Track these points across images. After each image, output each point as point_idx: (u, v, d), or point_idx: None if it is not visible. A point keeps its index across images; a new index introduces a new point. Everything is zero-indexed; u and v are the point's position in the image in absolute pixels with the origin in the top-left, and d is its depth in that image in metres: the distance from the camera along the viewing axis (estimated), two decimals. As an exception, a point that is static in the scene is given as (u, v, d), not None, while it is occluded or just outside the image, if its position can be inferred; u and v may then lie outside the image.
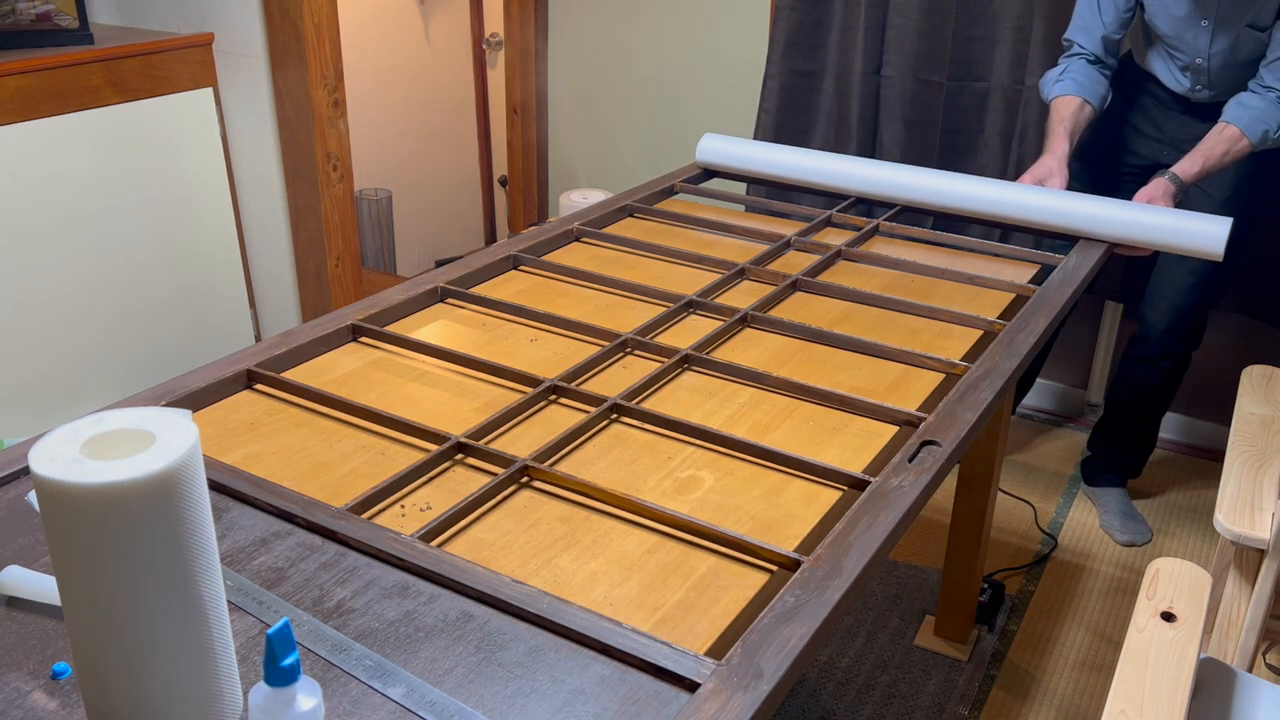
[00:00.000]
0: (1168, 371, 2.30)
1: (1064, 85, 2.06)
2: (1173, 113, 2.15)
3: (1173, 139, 2.15)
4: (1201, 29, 2.00)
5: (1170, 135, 2.16)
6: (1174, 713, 1.04)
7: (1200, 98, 2.10)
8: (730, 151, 2.04)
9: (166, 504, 0.66)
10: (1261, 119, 1.90)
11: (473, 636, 0.83)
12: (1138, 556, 2.29)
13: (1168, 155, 2.14)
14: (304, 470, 1.07)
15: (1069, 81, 2.05)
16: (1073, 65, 2.08)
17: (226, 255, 2.78)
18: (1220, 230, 1.64)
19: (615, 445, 1.13)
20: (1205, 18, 1.99)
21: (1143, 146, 2.21)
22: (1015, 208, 1.77)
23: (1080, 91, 2.04)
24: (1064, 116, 2.03)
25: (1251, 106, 1.92)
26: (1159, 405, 2.36)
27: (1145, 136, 2.20)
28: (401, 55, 3.60)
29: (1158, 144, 2.18)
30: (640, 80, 3.08)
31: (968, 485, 1.88)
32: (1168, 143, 2.17)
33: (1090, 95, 2.04)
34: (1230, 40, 1.99)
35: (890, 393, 1.26)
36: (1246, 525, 1.54)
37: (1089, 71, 2.06)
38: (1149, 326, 2.28)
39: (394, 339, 1.34)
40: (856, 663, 1.94)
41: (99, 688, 0.70)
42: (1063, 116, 2.03)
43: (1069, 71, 2.07)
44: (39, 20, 2.35)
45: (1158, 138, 2.18)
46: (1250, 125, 1.90)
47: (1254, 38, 1.98)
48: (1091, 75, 2.06)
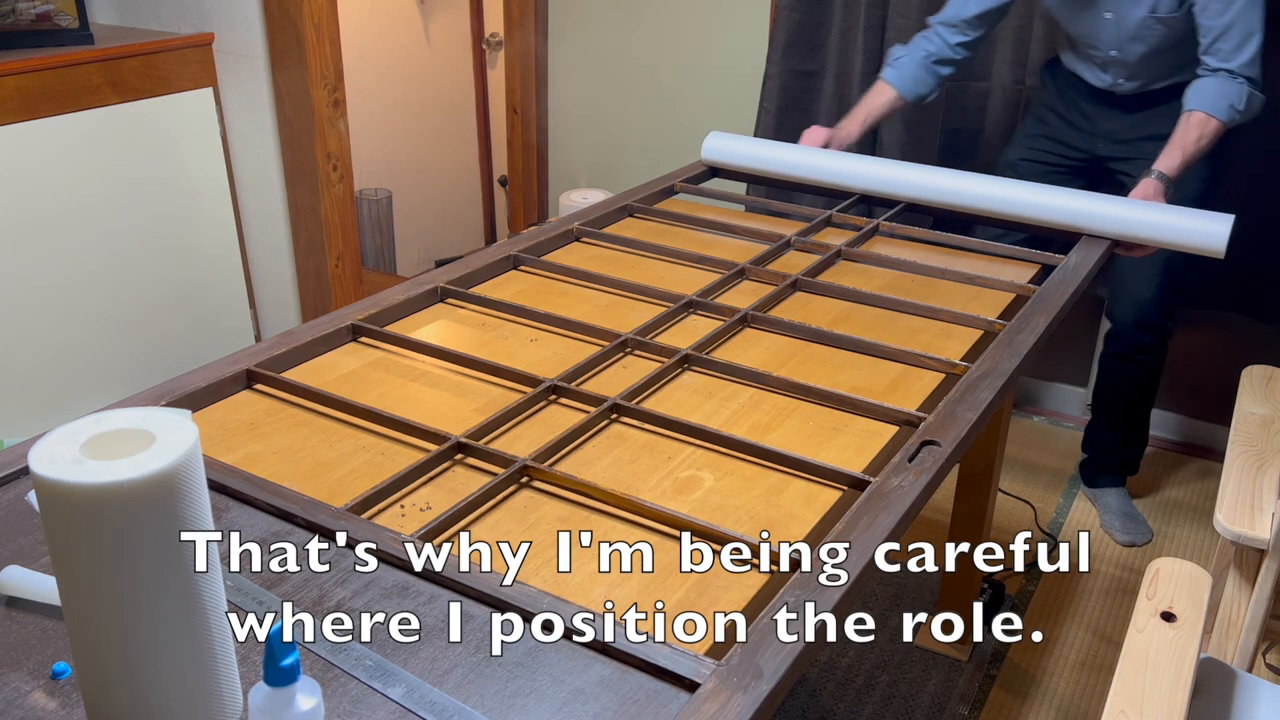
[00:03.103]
0: (1144, 364, 2.32)
1: (890, 72, 2.12)
2: (1103, 107, 2.20)
3: (1106, 133, 2.21)
4: (1107, 21, 2.04)
5: (1104, 129, 2.21)
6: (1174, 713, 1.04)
7: (1125, 90, 2.14)
8: (736, 149, 2.04)
9: (166, 504, 0.66)
10: (1222, 96, 1.90)
11: (473, 636, 0.83)
12: (1138, 556, 2.29)
13: (1103, 148, 2.22)
14: (304, 470, 1.06)
15: (895, 70, 2.12)
16: (910, 56, 2.12)
17: (226, 255, 2.78)
18: (1222, 228, 1.64)
19: (615, 445, 1.13)
20: (1108, 11, 2.03)
21: (1079, 140, 2.26)
22: (1018, 205, 1.77)
23: (899, 84, 2.11)
24: (873, 105, 2.11)
25: (1207, 89, 1.92)
26: (1143, 399, 2.38)
27: (1080, 130, 2.25)
28: (401, 55, 3.60)
29: (1092, 137, 2.23)
30: (640, 80, 3.08)
31: (968, 485, 1.88)
32: (1102, 136, 2.22)
33: (907, 91, 2.11)
34: (1136, 29, 2.02)
35: (890, 393, 1.26)
36: (1246, 525, 1.54)
37: (918, 69, 2.10)
38: (1119, 323, 2.32)
39: (394, 339, 1.34)
40: (856, 663, 1.94)
41: (99, 688, 0.70)
42: (871, 104, 2.11)
43: (903, 60, 2.12)
44: (39, 20, 2.35)
45: (1091, 131, 2.23)
46: (1214, 105, 1.90)
47: (1160, 25, 2.00)
48: (919, 73, 2.10)
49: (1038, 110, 2.34)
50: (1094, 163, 2.25)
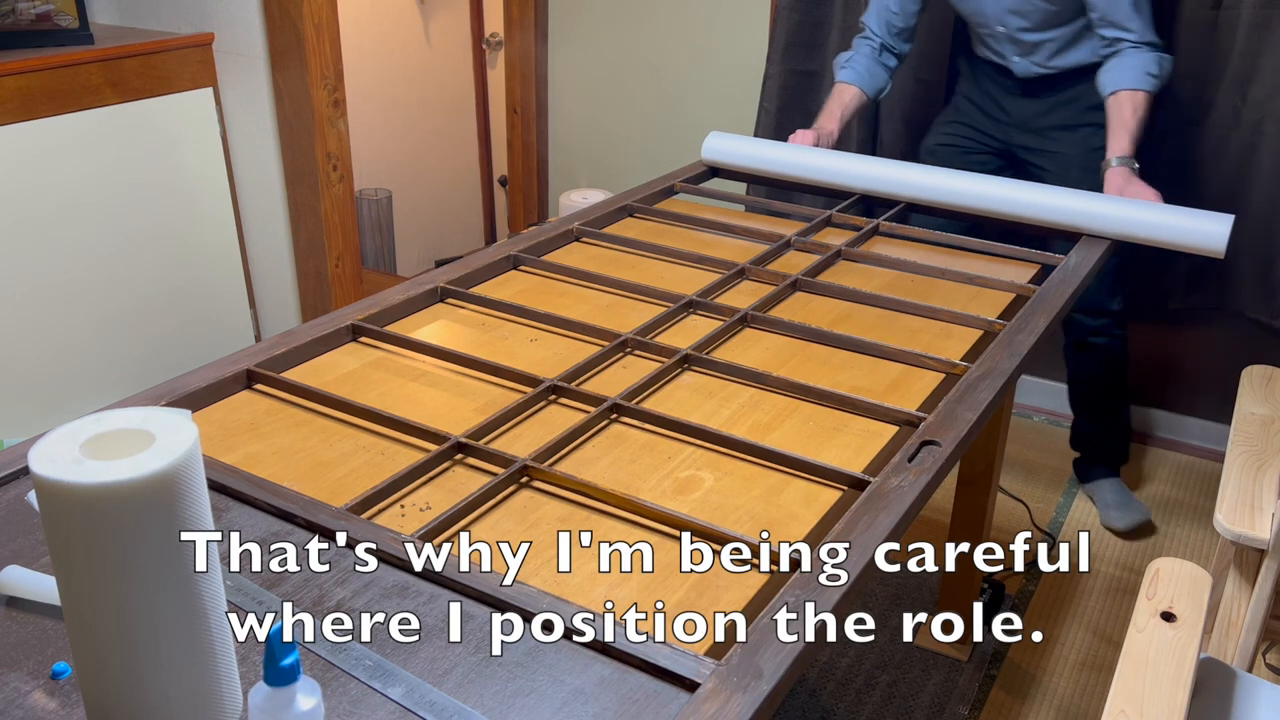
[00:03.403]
0: (1104, 350, 2.34)
1: (847, 74, 2.20)
2: (1014, 96, 2.24)
3: (1019, 121, 2.25)
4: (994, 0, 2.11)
5: (1016, 117, 2.25)
6: (1174, 713, 1.04)
7: (1025, 70, 2.17)
8: (736, 149, 2.04)
9: (166, 504, 0.66)
10: (1135, 68, 1.94)
11: (473, 636, 0.83)
12: (1138, 556, 2.29)
13: (1016, 136, 2.26)
14: (304, 470, 1.07)
15: (851, 71, 2.19)
16: (859, 54, 2.20)
17: (226, 255, 2.78)
18: (1222, 228, 1.64)
19: (615, 445, 1.13)
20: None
21: (993, 128, 2.30)
22: (1018, 205, 1.77)
23: (858, 81, 2.18)
24: (843, 102, 2.18)
25: (1119, 67, 1.97)
26: (1114, 387, 2.40)
27: (994, 119, 2.29)
28: (401, 55, 3.60)
29: (1006, 126, 2.28)
30: (640, 80, 3.08)
31: (968, 485, 1.88)
32: (1015, 125, 2.26)
33: (867, 87, 2.19)
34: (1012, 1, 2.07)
35: (890, 393, 1.26)
36: (1246, 525, 1.54)
37: (870, 64, 2.19)
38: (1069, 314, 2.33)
39: (394, 339, 1.34)
40: (856, 663, 1.94)
41: (99, 688, 0.70)
42: (842, 102, 2.18)
43: (854, 60, 2.20)
44: (39, 20, 2.35)
45: (1005, 120, 2.27)
46: (1133, 80, 1.94)
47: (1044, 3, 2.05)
48: (872, 68, 2.19)
49: (956, 98, 2.39)
50: (1007, 151, 2.29)
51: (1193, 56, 2.32)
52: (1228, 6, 2.28)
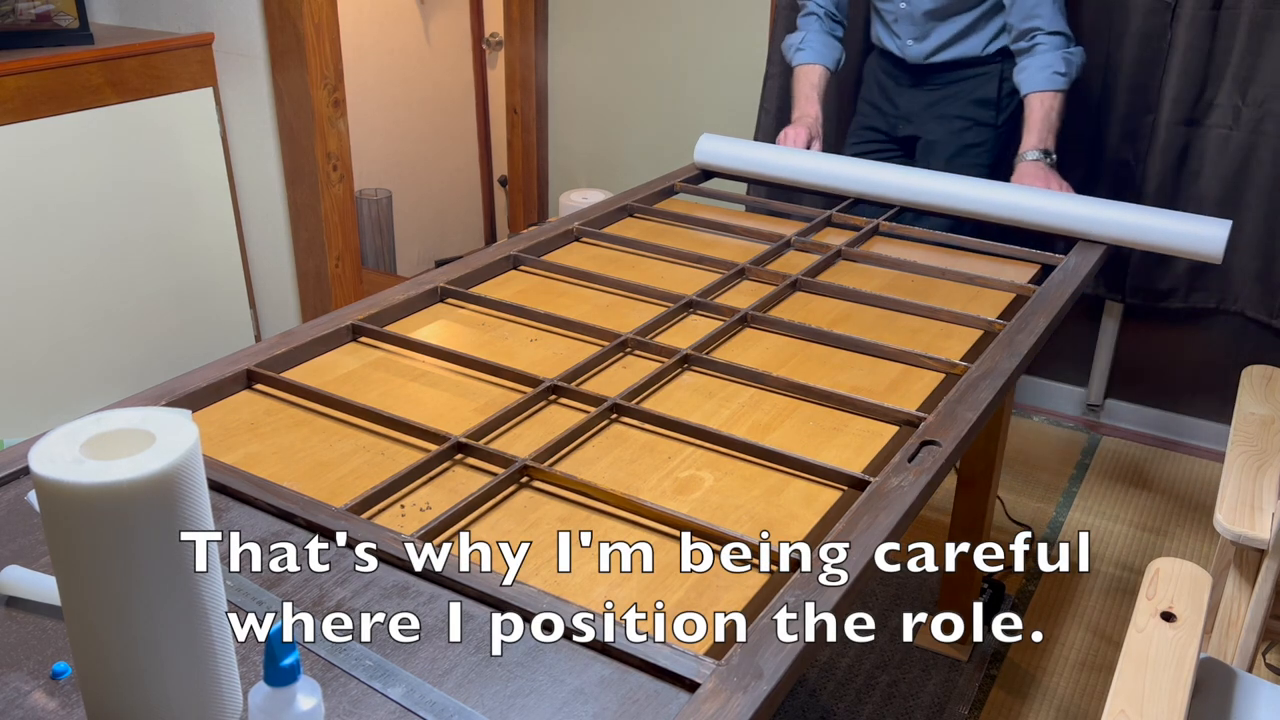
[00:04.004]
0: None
1: (806, 54, 2.23)
2: (903, 87, 2.28)
3: (905, 112, 2.29)
4: None
5: (904, 109, 2.29)
6: (1174, 713, 1.04)
7: (916, 55, 2.20)
8: (728, 152, 2.04)
9: (166, 504, 0.66)
10: (1043, 69, 2.02)
11: (473, 636, 0.83)
12: (1138, 556, 2.29)
13: (903, 128, 2.30)
14: (304, 470, 1.06)
15: (809, 50, 2.23)
16: (809, 33, 2.25)
17: (226, 255, 2.78)
18: (1219, 233, 1.64)
19: (615, 445, 1.13)
20: None
21: (884, 125, 2.33)
22: (1014, 209, 1.77)
23: (819, 59, 2.23)
24: (813, 83, 2.22)
25: (1029, 68, 2.04)
26: None
27: (885, 115, 2.33)
28: (401, 55, 3.60)
29: (894, 119, 2.31)
30: (640, 80, 3.08)
31: (968, 485, 1.88)
32: (902, 116, 2.30)
33: (827, 61, 2.24)
34: None
35: (890, 393, 1.26)
36: (1246, 525, 1.54)
37: (823, 39, 2.24)
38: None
39: (394, 339, 1.34)
40: (856, 663, 1.94)
41: (99, 688, 0.70)
42: (812, 83, 2.22)
43: (807, 40, 2.24)
44: (39, 20, 2.35)
45: (893, 112, 2.31)
46: (1044, 81, 2.01)
47: None
48: (827, 42, 2.25)
49: (859, 103, 2.42)
50: (903, 143, 2.32)
51: (1193, 56, 2.32)
52: (1228, 6, 2.28)
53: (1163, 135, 2.40)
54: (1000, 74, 2.16)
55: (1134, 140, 2.45)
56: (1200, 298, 2.53)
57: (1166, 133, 2.40)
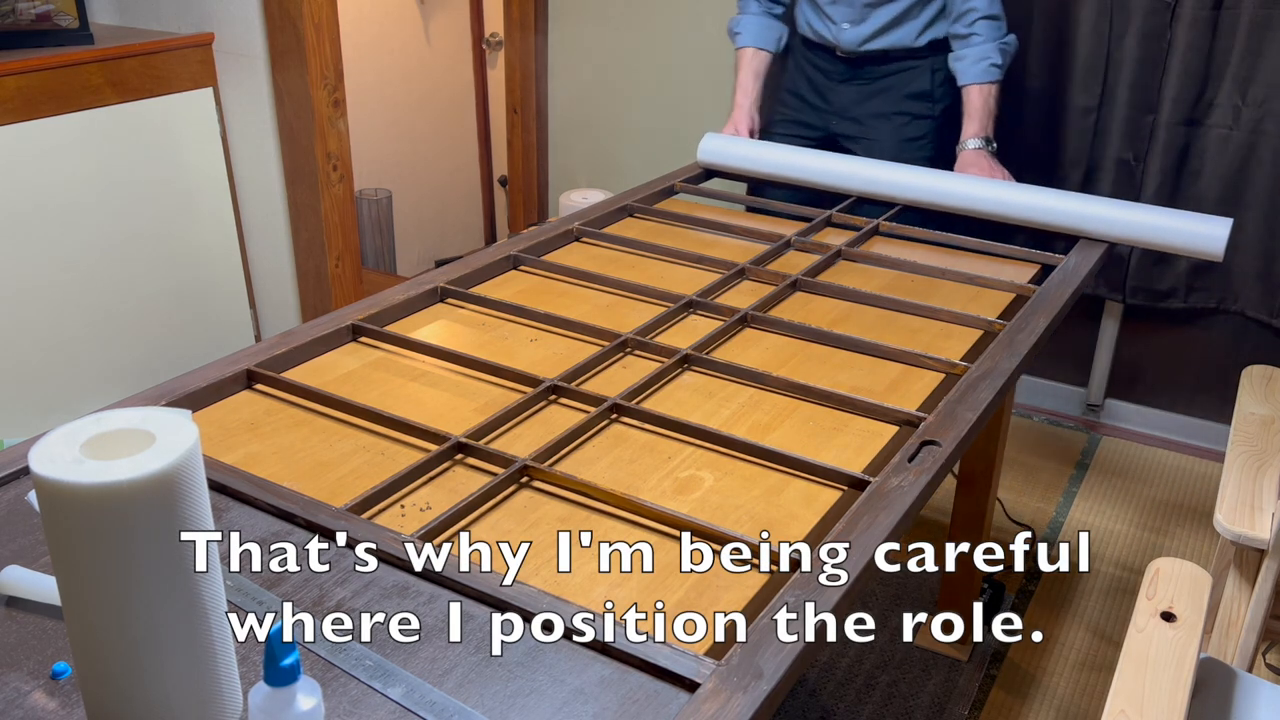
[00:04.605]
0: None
1: (744, 38, 2.26)
2: (834, 82, 2.28)
3: (838, 108, 2.28)
4: None
5: (836, 105, 2.29)
6: (1174, 713, 1.04)
7: (850, 42, 2.20)
8: (731, 151, 2.04)
9: (166, 504, 0.66)
10: (981, 60, 2.08)
11: (473, 636, 0.83)
12: (1138, 556, 2.29)
13: (835, 124, 2.30)
14: (304, 470, 1.06)
15: (747, 34, 2.26)
16: (748, 15, 2.27)
17: (226, 255, 2.78)
18: (1220, 231, 1.64)
19: (615, 445, 1.13)
20: None
21: (814, 118, 2.33)
22: (1015, 207, 1.77)
23: (758, 41, 2.26)
24: (753, 70, 2.26)
25: (966, 58, 2.09)
26: None
27: (814, 108, 2.32)
28: (401, 55, 3.60)
29: (826, 114, 2.31)
30: (640, 80, 3.08)
31: (968, 485, 1.88)
32: (834, 112, 2.29)
33: (767, 43, 2.27)
34: None
35: (890, 393, 1.26)
36: (1246, 525, 1.54)
37: (763, 20, 2.27)
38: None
39: (394, 339, 1.34)
40: (856, 663, 1.94)
41: (99, 688, 0.70)
42: (752, 70, 2.26)
43: (745, 22, 2.27)
44: (39, 20, 2.35)
45: (825, 108, 2.31)
46: (979, 74, 2.08)
47: None
48: (766, 23, 2.27)
49: (782, 94, 2.41)
50: (830, 138, 2.33)
51: (1193, 56, 2.32)
52: (1228, 6, 2.28)
53: (1163, 135, 2.40)
54: (932, 67, 2.18)
55: (1134, 140, 2.45)
56: (1200, 298, 2.53)
57: (1166, 133, 2.40)
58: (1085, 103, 2.47)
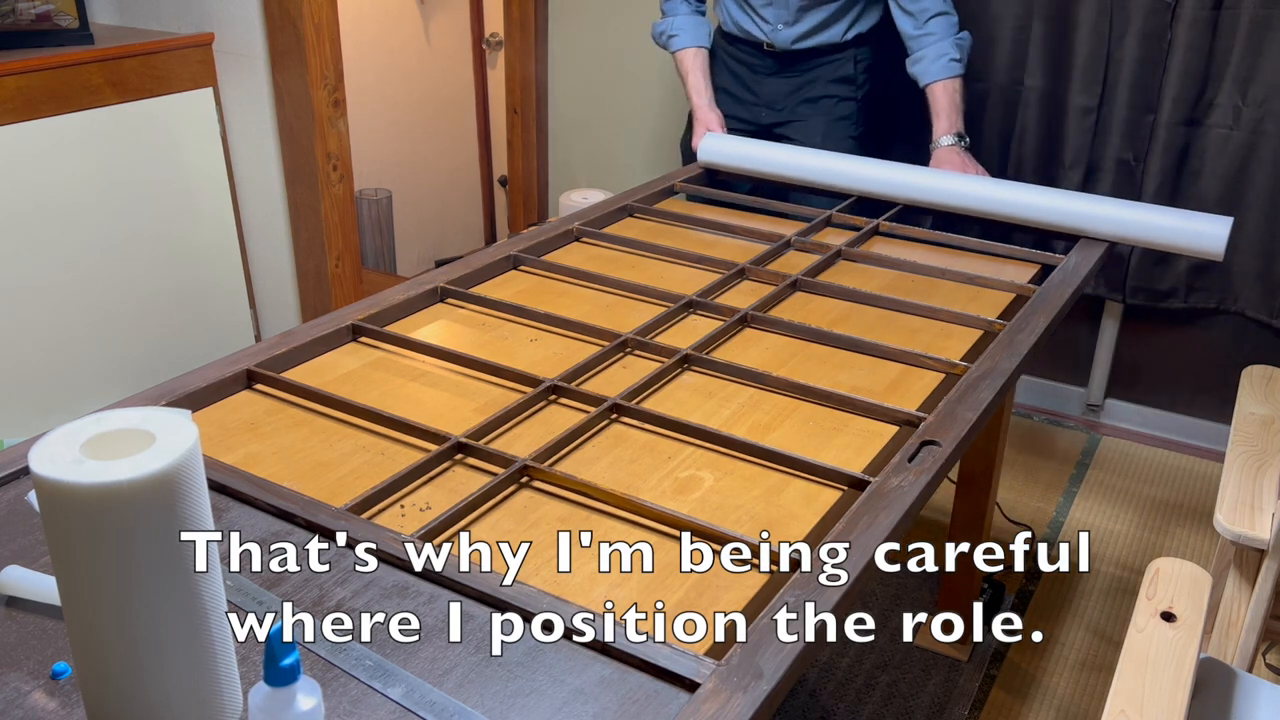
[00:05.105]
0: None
1: (683, 39, 2.29)
2: (762, 76, 2.31)
3: (768, 100, 2.31)
4: None
5: (764, 97, 2.31)
6: (1174, 713, 1.04)
7: (783, 41, 2.22)
8: (732, 151, 2.04)
9: (166, 504, 0.66)
10: (941, 57, 2.11)
11: (473, 636, 0.83)
12: (1138, 556, 2.29)
13: (766, 115, 2.32)
14: (304, 470, 1.06)
15: (686, 35, 2.29)
16: (679, 17, 2.30)
17: (226, 255, 2.78)
18: (1220, 230, 1.64)
19: (615, 445, 1.13)
20: None
21: (743, 111, 2.36)
22: (1015, 207, 1.77)
23: (699, 41, 2.29)
24: (701, 67, 2.28)
25: (925, 59, 2.12)
26: None
27: (743, 102, 2.35)
28: (401, 55, 3.60)
29: (755, 107, 2.33)
30: (640, 80, 3.08)
31: (968, 485, 1.88)
32: (764, 104, 2.32)
33: (704, 41, 2.30)
34: None
35: (890, 393, 1.26)
36: (1246, 525, 1.54)
37: (694, 19, 2.30)
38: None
39: (394, 339, 1.34)
40: (856, 663, 1.94)
41: (99, 688, 0.70)
42: (701, 68, 2.28)
43: (678, 25, 2.30)
44: (39, 20, 2.35)
45: (754, 101, 2.33)
46: (941, 70, 2.11)
47: None
48: (698, 22, 2.31)
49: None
50: (763, 131, 2.34)
51: (1193, 56, 2.33)
52: (1228, 6, 2.28)
53: (1163, 135, 2.40)
54: (855, 57, 2.24)
55: (1134, 140, 2.45)
56: (1200, 298, 2.53)
57: (1167, 133, 2.40)
58: (1085, 103, 2.47)
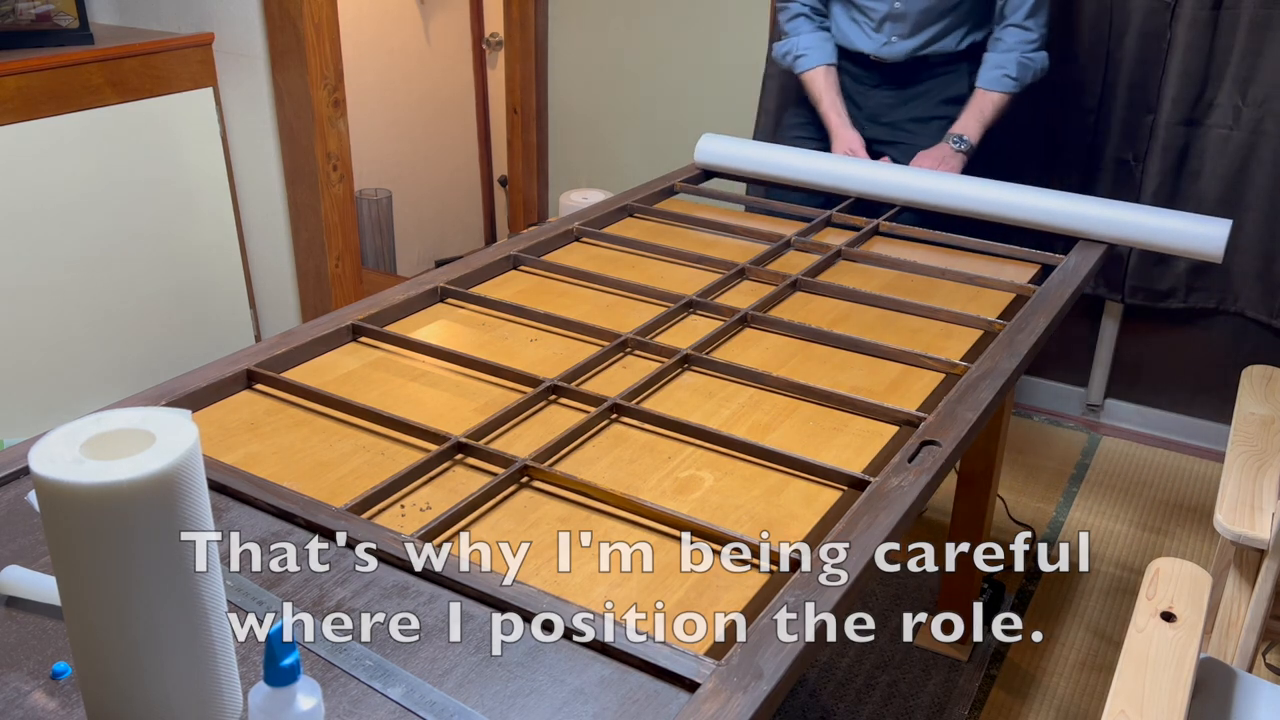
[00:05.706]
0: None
1: (810, 58, 2.23)
2: (867, 88, 2.25)
3: (871, 113, 2.25)
4: None
5: (868, 110, 2.25)
6: (1174, 713, 1.04)
7: (895, 54, 2.17)
8: (729, 152, 2.04)
9: (166, 504, 0.66)
10: (999, 68, 2.09)
11: (473, 636, 0.83)
12: (1138, 556, 2.29)
13: (869, 129, 2.25)
14: (304, 470, 1.06)
15: (814, 53, 2.23)
16: (805, 35, 2.24)
17: (226, 255, 2.78)
18: (1219, 232, 1.64)
19: (615, 445, 1.13)
20: None
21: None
22: (1015, 208, 1.77)
23: (828, 59, 2.23)
24: (829, 85, 2.22)
25: (987, 63, 2.11)
26: None
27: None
28: (401, 55, 3.60)
29: (858, 119, 2.26)
30: (640, 80, 3.08)
31: (968, 485, 1.88)
32: (866, 117, 2.26)
33: (832, 58, 2.23)
34: None
35: (890, 393, 1.26)
36: (1246, 525, 1.54)
37: (820, 36, 2.24)
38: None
39: (394, 339, 1.34)
40: (856, 663, 1.94)
41: (99, 688, 0.70)
42: (828, 86, 2.22)
43: (804, 43, 2.23)
44: (39, 20, 2.35)
45: (856, 113, 2.26)
46: (991, 81, 2.10)
47: None
48: (824, 38, 2.24)
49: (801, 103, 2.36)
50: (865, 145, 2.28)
51: (1193, 56, 2.33)
52: (1228, 6, 2.28)
53: (1163, 135, 2.40)
54: (968, 71, 2.17)
55: (1134, 140, 2.45)
56: (1200, 298, 2.53)
57: (1166, 133, 2.40)
58: (1085, 103, 2.47)
